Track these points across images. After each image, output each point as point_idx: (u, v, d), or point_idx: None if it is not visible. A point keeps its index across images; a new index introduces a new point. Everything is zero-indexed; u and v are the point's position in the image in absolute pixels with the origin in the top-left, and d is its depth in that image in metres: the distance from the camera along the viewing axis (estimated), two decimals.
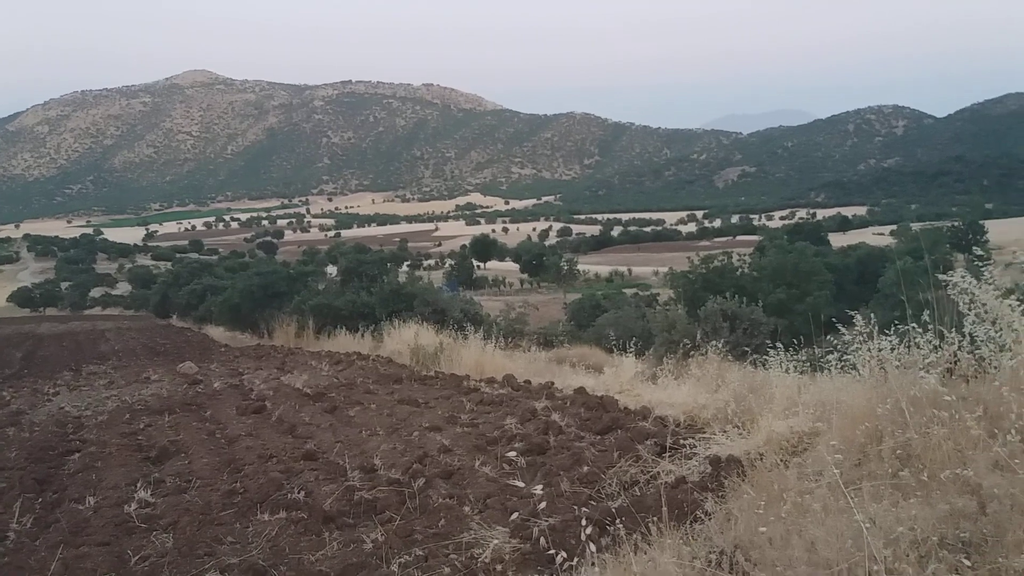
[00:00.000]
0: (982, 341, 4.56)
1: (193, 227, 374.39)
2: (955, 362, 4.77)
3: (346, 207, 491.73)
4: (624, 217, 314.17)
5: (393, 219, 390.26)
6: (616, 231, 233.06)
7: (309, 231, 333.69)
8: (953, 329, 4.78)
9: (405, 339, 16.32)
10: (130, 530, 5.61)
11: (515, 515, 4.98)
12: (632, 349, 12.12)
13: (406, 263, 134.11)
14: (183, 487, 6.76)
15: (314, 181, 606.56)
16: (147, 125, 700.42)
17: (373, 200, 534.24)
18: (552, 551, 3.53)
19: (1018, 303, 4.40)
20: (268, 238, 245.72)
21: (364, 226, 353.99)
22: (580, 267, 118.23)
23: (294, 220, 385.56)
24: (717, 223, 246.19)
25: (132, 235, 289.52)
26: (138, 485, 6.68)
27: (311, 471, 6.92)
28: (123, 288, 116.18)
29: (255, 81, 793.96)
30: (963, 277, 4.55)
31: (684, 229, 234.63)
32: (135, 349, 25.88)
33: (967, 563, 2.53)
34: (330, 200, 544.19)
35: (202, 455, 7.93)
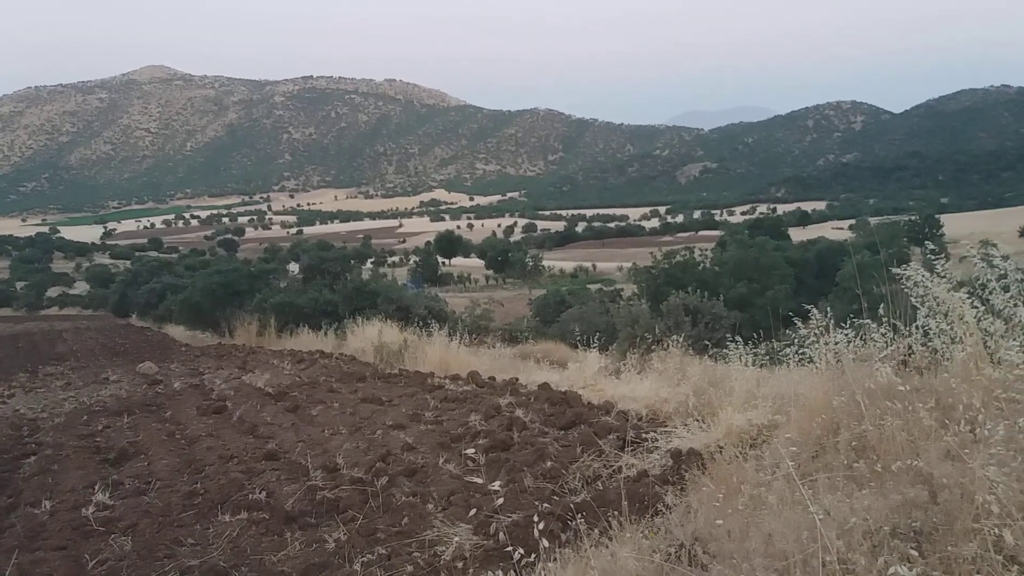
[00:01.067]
0: (935, 333, 4.65)
1: (152, 225, 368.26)
2: (909, 354, 4.87)
3: (308, 204, 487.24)
4: (588, 213, 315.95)
5: (356, 216, 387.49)
6: (580, 227, 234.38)
7: (271, 228, 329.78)
8: (907, 322, 4.88)
9: (369, 337, 16.21)
10: (88, 534, 5.51)
11: (478, 512, 4.98)
12: (596, 344, 12.17)
13: (370, 260, 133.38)
14: (142, 489, 6.66)
15: (275, 178, 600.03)
16: (104, 122, 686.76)
17: (336, 197, 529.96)
18: (509, 548, 3.52)
19: (968, 296, 4.50)
20: (229, 236, 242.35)
21: (327, 223, 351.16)
22: (545, 263, 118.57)
23: (255, 217, 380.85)
24: (680, 219, 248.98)
25: (90, 233, 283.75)
26: (96, 488, 6.57)
27: (273, 471, 6.87)
28: (81, 287, 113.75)
29: (214, 77, 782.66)
30: (916, 271, 4.64)
31: (647, 225, 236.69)
32: (93, 349, 25.40)
33: (914, 553, 2.59)
34: (292, 197, 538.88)
35: (162, 456, 7.82)
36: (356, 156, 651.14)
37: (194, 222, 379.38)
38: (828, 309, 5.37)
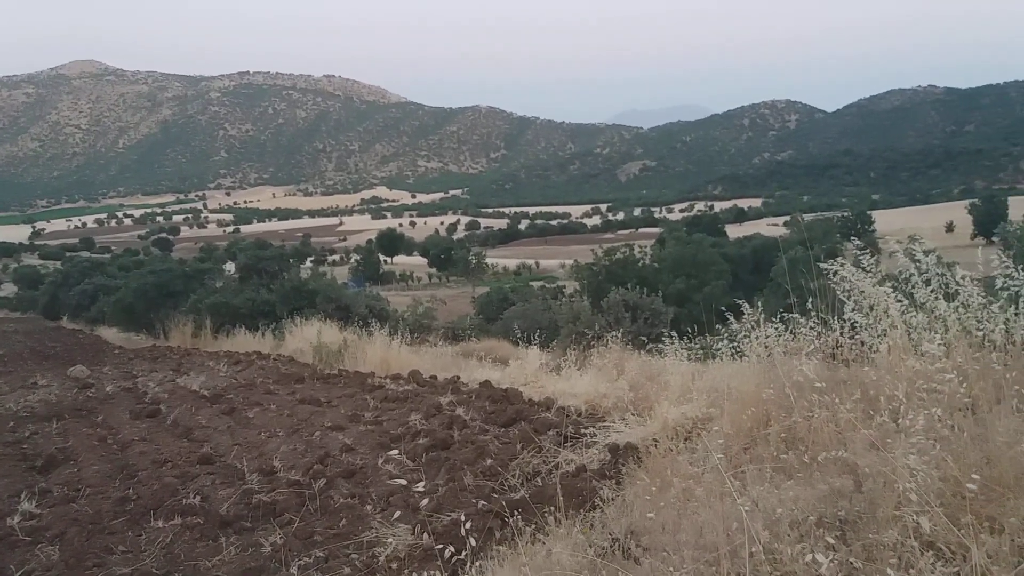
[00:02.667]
0: (861, 327, 4.78)
1: (84, 224, 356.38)
2: (837, 347, 5.00)
3: (245, 202, 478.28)
4: (531, 210, 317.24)
5: (295, 214, 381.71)
6: (523, 224, 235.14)
7: (206, 227, 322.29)
8: (836, 316, 5.02)
9: (307, 337, 16.00)
10: (13, 544, 5.34)
11: (416, 512, 4.96)
12: (537, 341, 12.24)
13: (309, 259, 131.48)
14: (71, 496, 6.48)
15: (211, 175, 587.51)
16: (31, 117, 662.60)
17: (274, 194, 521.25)
18: (439, 546, 3.51)
19: (893, 290, 4.64)
20: (163, 235, 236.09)
21: (265, 221, 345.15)
22: (488, 261, 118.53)
23: (190, 216, 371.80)
24: (620, 216, 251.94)
25: (17, 233, 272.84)
26: (22, 496, 6.35)
27: (208, 475, 6.78)
28: (8, 289, 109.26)
29: (147, 72, 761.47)
30: (842, 265, 4.77)
31: (589, 222, 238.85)
32: (21, 353, 24.43)
33: (830, 540, 2.66)
34: (228, 195, 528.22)
35: (92, 462, 7.61)
36: (295, 153, 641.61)
37: (127, 221, 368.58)
38: (759, 304, 5.49)
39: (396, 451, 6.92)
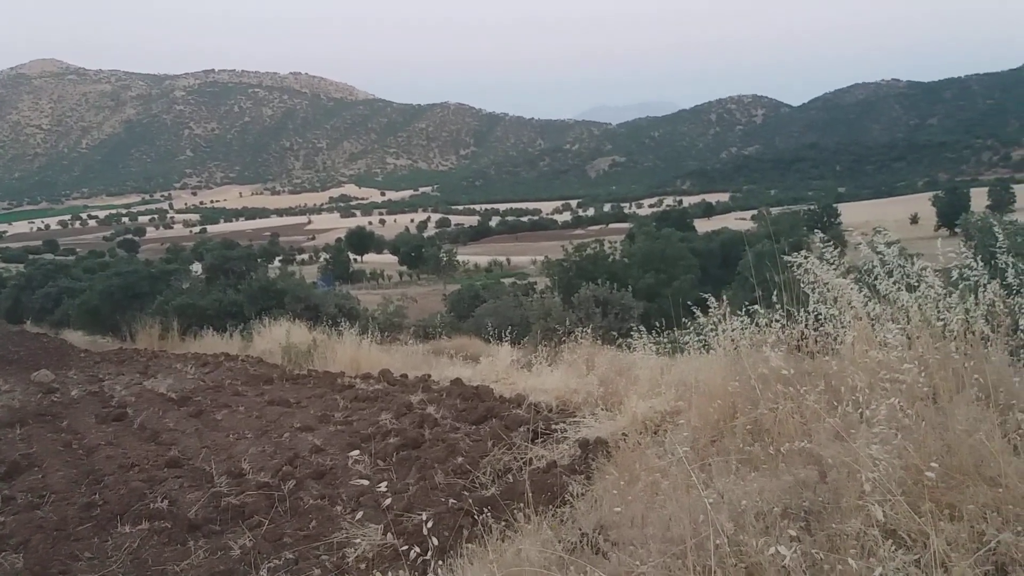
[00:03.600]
0: (826, 319, 4.85)
1: (47, 226, 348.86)
2: (802, 339, 5.07)
3: (212, 201, 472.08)
4: (502, 207, 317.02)
5: (263, 213, 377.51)
6: (494, 221, 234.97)
7: (173, 227, 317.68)
8: (800, 308, 5.08)
9: (276, 337, 15.87)
10: None
11: (387, 512, 4.94)
12: (508, 338, 12.26)
13: (278, 258, 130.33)
14: (36, 503, 6.36)
15: (177, 175, 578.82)
16: None
17: (241, 193, 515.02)
18: (404, 547, 3.50)
19: (856, 282, 4.71)
20: (129, 236, 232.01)
21: (232, 221, 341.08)
22: (459, 258, 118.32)
23: (156, 216, 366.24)
24: (591, 212, 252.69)
25: None
26: None
27: (175, 479, 6.72)
28: None
29: (110, 71, 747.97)
30: (806, 258, 4.82)
31: (560, 218, 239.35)
32: None
33: (792, 533, 2.69)
34: (195, 194, 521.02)
35: (57, 468, 7.49)
36: (261, 151, 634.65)
37: (92, 222, 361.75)
38: (725, 298, 5.54)
39: (360, 451, 6.88)
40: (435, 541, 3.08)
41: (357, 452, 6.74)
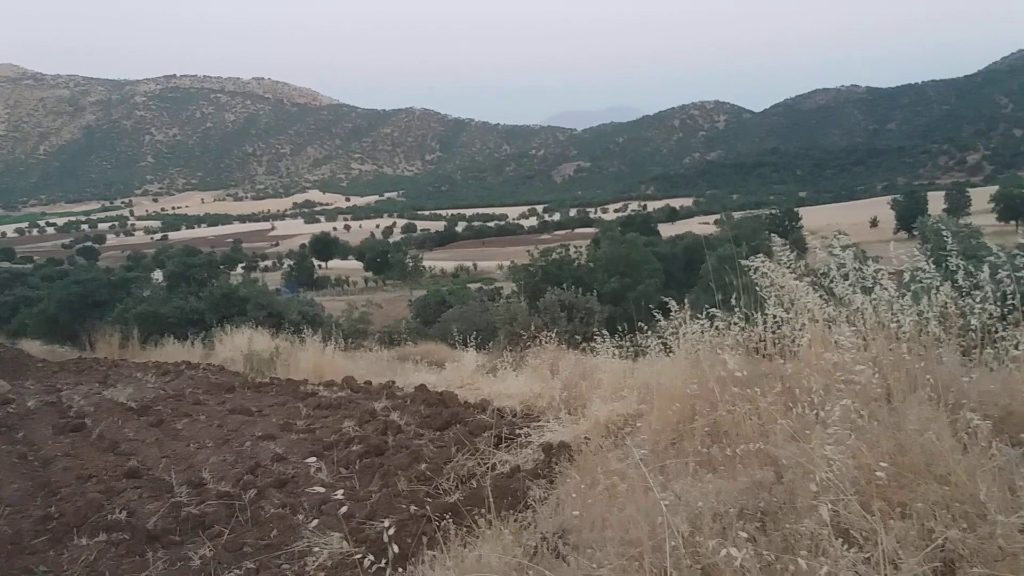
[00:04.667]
0: (783, 322, 4.92)
1: (3, 234, 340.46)
2: (760, 342, 5.13)
3: (174, 208, 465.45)
4: (468, 212, 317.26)
5: (225, 219, 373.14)
6: (460, 227, 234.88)
7: (134, 235, 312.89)
8: (759, 311, 5.15)
9: (238, 345, 15.70)
10: None
11: (349, 520, 4.91)
12: (473, 343, 12.27)
13: (240, 265, 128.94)
14: None
15: (137, 181, 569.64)
16: None
17: (203, 200, 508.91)
18: (357, 555, 3.48)
19: (812, 285, 4.79)
20: (88, 243, 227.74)
21: (194, 227, 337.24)
22: (425, 263, 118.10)
23: (117, 223, 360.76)
24: (556, 217, 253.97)
25: None
26: None
27: (134, 489, 6.59)
28: None
29: (69, 76, 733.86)
30: (763, 262, 4.89)
31: (526, 223, 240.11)
32: None
33: (743, 534, 2.72)
34: (156, 201, 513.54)
35: (12, 480, 7.32)
36: (224, 157, 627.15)
37: (50, 230, 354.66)
38: (685, 301, 5.61)
39: (313, 458, 6.83)
40: (396, 549, 3.07)
41: (314, 458, 6.69)
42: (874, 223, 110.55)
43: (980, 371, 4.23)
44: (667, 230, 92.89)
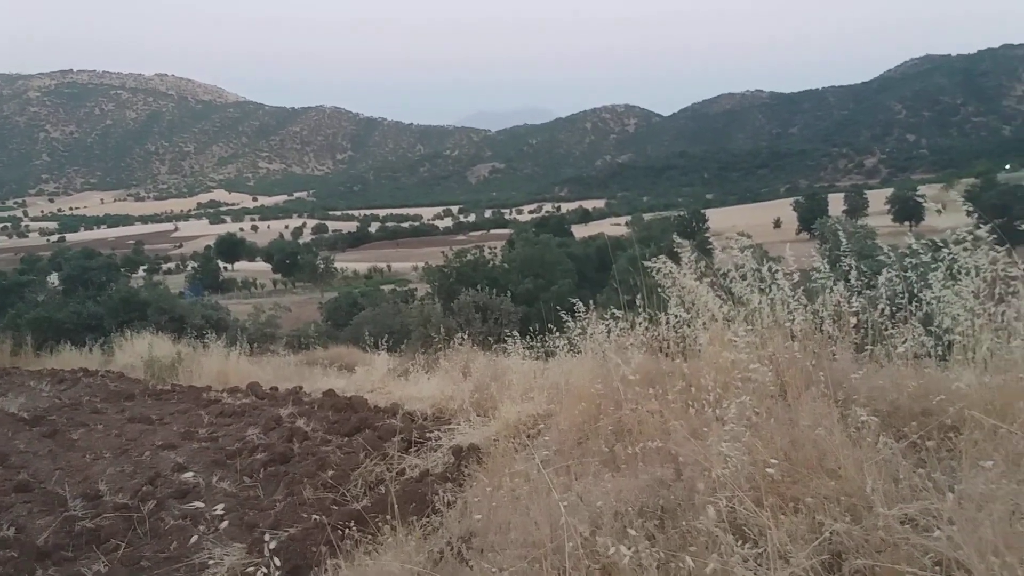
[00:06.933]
0: (684, 321, 5.04)
1: None
2: (663, 341, 5.24)
3: (71, 208, 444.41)
4: (381, 213, 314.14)
5: (126, 220, 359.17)
6: (374, 227, 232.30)
7: (27, 236, 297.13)
8: (663, 311, 5.26)
9: (138, 351, 15.16)
10: None
11: (252, 530, 4.78)
12: (385, 346, 12.15)
13: (142, 268, 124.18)
14: None
15: (32, 180, 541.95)
16: None
17: (102, 200, 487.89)
18: (250, 568, 3.40)
19: (712, 285, 4.92)
20: None
21: (92, 228, 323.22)
22: (337, 265, 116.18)
23: (9, 225, 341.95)
24: (471, 218, 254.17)
25: None
26: None
27: (24, 504, 6.28)
28: None
29: None
30: (664, 263, 5.00)
31: (441, 224, 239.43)
32: None
33: (633, 532, 2.77)
34: (52, 201, 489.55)
35: None
36: (124, 156, 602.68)
37: None
38: (594, 302, 5.68)
39: (226, 468, 6.66)
40: (277, 561, 3.00)
41: (193, 472, 6.51)
42: (777, 224, 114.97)
43: (870, 367, 4.41)
44: (580, 231, 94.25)
